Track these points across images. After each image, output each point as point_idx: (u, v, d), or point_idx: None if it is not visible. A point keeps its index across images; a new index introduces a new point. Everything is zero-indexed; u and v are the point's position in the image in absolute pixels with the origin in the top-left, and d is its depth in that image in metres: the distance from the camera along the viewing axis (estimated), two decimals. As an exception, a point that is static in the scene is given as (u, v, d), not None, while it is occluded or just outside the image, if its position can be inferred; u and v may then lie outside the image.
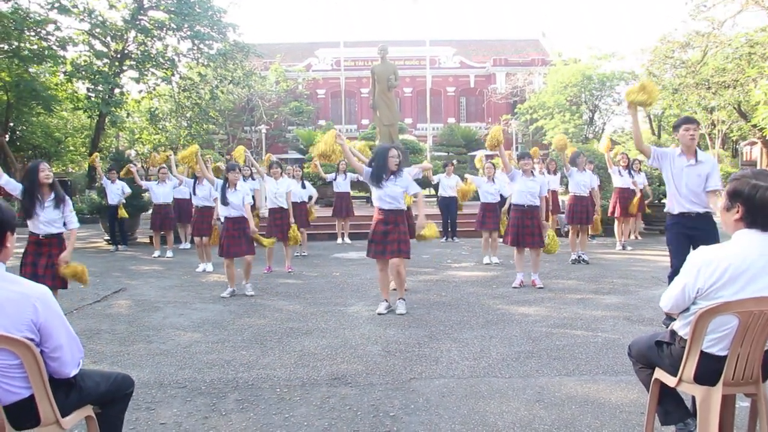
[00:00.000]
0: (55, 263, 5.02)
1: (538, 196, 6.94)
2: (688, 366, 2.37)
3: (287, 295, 6.73)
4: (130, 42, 21.72)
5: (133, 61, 21.65)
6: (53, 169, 5.25)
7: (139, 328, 5.37)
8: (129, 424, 3.14)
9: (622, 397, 3.50)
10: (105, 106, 19.63)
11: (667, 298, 2.47)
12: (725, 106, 21.60)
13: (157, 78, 22.69)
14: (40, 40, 18.45)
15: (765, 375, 2.42)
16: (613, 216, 10.38)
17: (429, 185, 16.14)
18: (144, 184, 10.73)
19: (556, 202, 11.25)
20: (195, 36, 21.35)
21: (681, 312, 2.48)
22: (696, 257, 2.36)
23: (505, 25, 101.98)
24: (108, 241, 12.19)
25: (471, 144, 33.46)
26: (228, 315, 5.82)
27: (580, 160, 8.82)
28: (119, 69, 21.53)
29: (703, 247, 2.39)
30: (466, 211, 12.36)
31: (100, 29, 20.31)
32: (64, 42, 18.97)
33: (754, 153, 30.57)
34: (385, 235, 5.64)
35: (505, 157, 7.00)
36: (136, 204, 12.90)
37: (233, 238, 6.60)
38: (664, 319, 5.00)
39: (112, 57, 21.38)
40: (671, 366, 2.49)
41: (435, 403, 3.45)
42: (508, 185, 9.71)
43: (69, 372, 2.21)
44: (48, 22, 18.22)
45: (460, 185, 10.69)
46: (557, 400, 3.46)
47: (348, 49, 30.95)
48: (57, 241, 5.09)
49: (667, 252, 4.96)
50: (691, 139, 4.77)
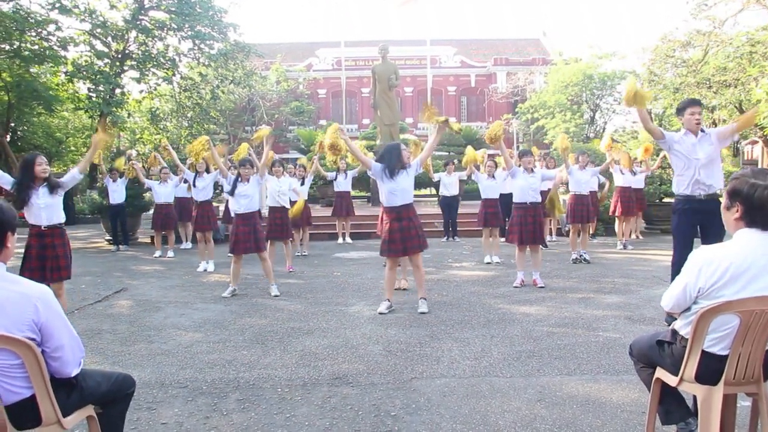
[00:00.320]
0: (59, 255, 5.02)
1: (539, 191, 6.97)
2: (690, 365, 2.37)
3: (288, 295, 6.73)
4: (131, 42, 21.73)
5: (134, 61, 21.65)
6: (55, 169, 5.26)
7: (141, 328, 5.37)
8: (130, 424, 3.15)
9: (623, 396, 3.50)
10: (106, 106, 19.64)
11: (668, 298, 2.47)
12: (726, 105, 21.54)
13: (158, 78, 22.70)
14: (41, 40, 18.46)
15: (766, 374, 2.42)
16: (615, 215, 10.39)
17: (430, 184, 16.13)
18: (147, 183, 10.76)
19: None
20: (196, 36, 21.36)
21: (682, 311, 2.48)
22: (697, 257, 2.36)
23: (505, 25, 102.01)
24: (109, 241, 12.21)
25: (472, 143, 33.38)
26: (229, 315, 5.82)
27: (582, 159, 8.83)
28: (120, 69, 21.54)
29: (704, 246, 2.40)
30: (466, 211, 12.36)
31: (101, 29, 20.32)
32: (65, 42, 18.98)
33: (756, 152, 30.50)
34: (402, 232, 5.64)
35: (506, 153, 7.01)
36: (137, 204, 12.93)
37: (243, 234, 6.58)
38: (666, 317, 5.00)
39: (113, 57, 21.40)
40: (672, 365, 2.49)
41: (436, 403, 3.45)
42: (509, 182, 9.73)
43: (70, 372, 2.21)
44: (49, 23, 18.22)
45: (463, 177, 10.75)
46: (558, 400, 3.46)
47: (349, 49, 30.87)
48: (59, 232, 5.10)
49: (668, 251, 4.96)
50: (696, 123, 4.81)
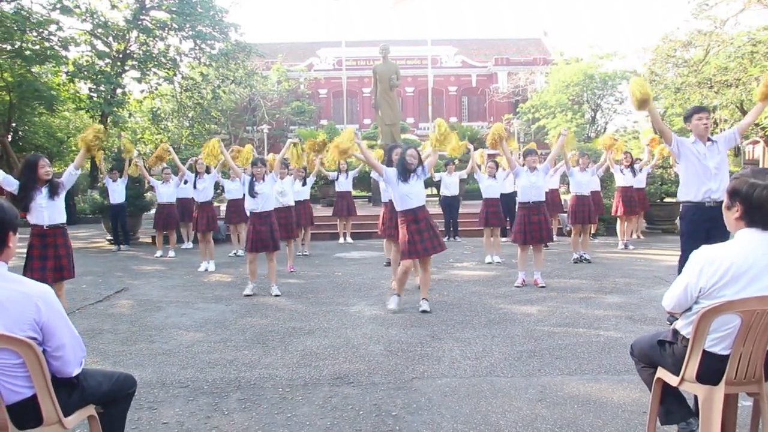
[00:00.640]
0: (61, 255, 5.03)
1: (544, 190, 6.99)
2: (691, 365, 2.37)
3: (289, 295, 6.73)
4: (132, 42, 21.77)
5: (135, 61, 21.70)
6: (56, 169, 5.27)
7: (142, 327, 5.38)
8: (131, 424, 3.15)
9: (624, 396, 3.50)
10: (107, 106, 19.68)
11: (669, 298, 2.47)
12: (727, 105, 21.52)
13: (159, 78, 22.74)
14: (43, 40, 18.48)
15: (767, 374, 2.41)
16: (616, 215, 10.38)
17: (431, 184, 16.12)
18: (151, 181, 10.78)
19: (557, 201, 11.25)
20: (197, 36, 21.39)
21: (683, 311, 2.48)
22: (698, 256, 2.35)
23: (506, 25, 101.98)
24: (110, 240, 12.22)
25: (473, 143, 33.36)
26: (230, 315, 5.82)
27: (582, 161, 8.82)
28: (121, 69, 21.58)
29: (706, 246, 2.39)
30: (467, 211, 12.36)
31: (102, 29, 20.35)
32: (66, 42, 19.01)
33: (757, 152, 30.46)
34: (421, 233, 5.65)
35: (509, 153, 7.00)
36: (137, 204, 12.93)
37: (259, 233, 6.63)
38: (669, 317, 5.00)
39: (114, 57, 21.43)
40: (674, 365, 2.49)
41: (437, 403, 3.45)
42: (510, 181, 9.74)
43: (71, 371, 2.21)
44: (50, 23, 18.25)
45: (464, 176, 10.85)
46: (559, 400, 3.46)
47: (349, 49, 30.91)
48: (61, 232, 5.11)
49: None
50: (705, 128, 4.85)
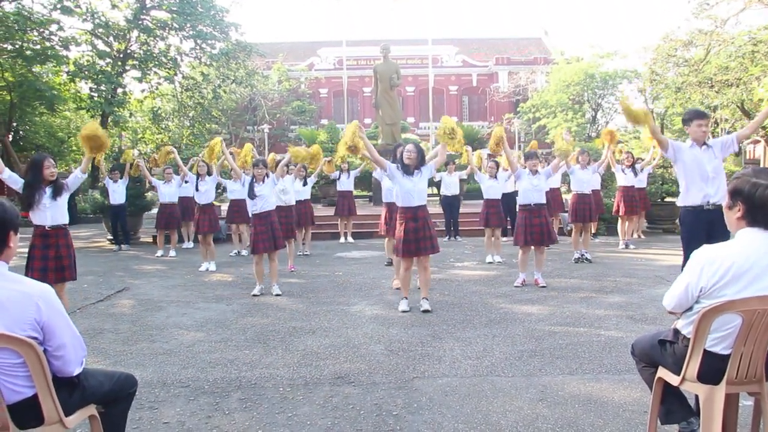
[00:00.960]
0: (62, 255, 5.03)
1: (545, 191, 7.00)
2: (692, 365, 2.37)
3: (290, 295, 6.73)
4: (133, 42, 21.77)
5: (136, 61, 21.70)
6: (57, 169, 5.28)
7: (142, 327, 5.38)
8: (132, 423, 3.16)
9: (625, 396, 3.50)
10: (108, 106, 19.68)
11: (670, 297, 2.47)
12: (728, 104, 21.47)
13: (160, 77, 22.75)
14: (43, 40, 18.49)
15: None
16: (617, 214, 10.37)
17: (431, 184, 16.14)
18: (153, 181, 10.79)
19: (558, 200, 11.24)
20: (197, 35, 21.39)
21: (684, 311, 2.47)
22: (699, 256, 2.35)
23: (507, 24, 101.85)
24: (111, 240, 12.22)
25: (473, 143, 33.38)
26: (231, 314, 5.82)
27: (582, 158, 8.81)
28: (122, 69, 21.58)
29: (707, 245, 2.38)
30: (468, 210, 12.37)
31: (102, 29, 20.36)
32: (67, 42, 19.01)
33: (758, 152, 30.46)
34: (417, 233, 5.65)
35: (510, 155, 7.00)
36: (138, 204, 12.94)
37: (261, 234, 6.65)
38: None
39: (115, 57, 21.43)
40: (674, 365, 2.49)
41: (438, 402, 3.45)
42: (511, 182, 9.75)
43: (72, 370, 2.21)
44: (51, 22, 18.26)
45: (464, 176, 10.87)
46: (560, 399, 3.46)
47: (350, 48, 30.87)
48: (63, 233, 5.11)
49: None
50: (703, 134, 4.90)
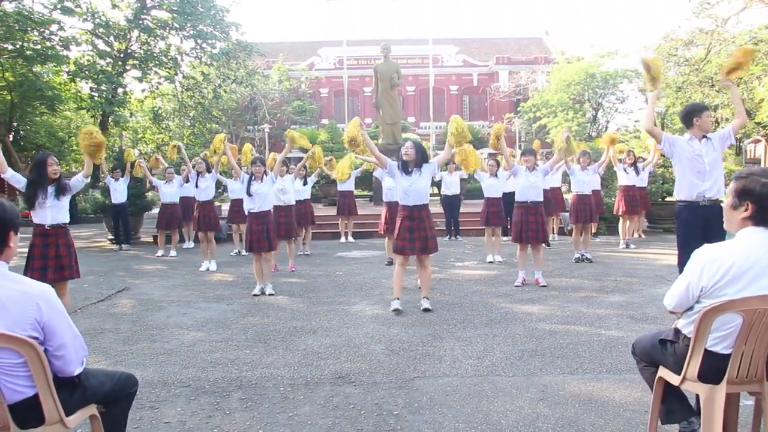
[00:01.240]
0: (62, 255, 5.03)
1: (542, 189, 6.98)
2: (692, 364, 2.37)
3: (291, 294, 6.74)
4: (133, 41, 21.78)
5: (136, 61, 21.71)
6: (59, 167, 5.28)
7: (143, 327, 5.38)
8: (133, 423, 3.16)
9: (625, 395, 3.50)
10: (108, 106, 19.70)
11: (670, 297, 2.46)
12: (729, 104, 21.49)
13: (160, 77, 22.76)
14: (44, 40, 18.50)
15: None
16: (618, 214, 10.36)
17: (432, 183, 16.16)
18: (154, 181, 10.79)
19: (559, 199, 11.24)
20: (198, 35, 21.40)
21: (685, 310, 2.47)
22: (700, 255, 2.35)
23: (507, 24, 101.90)
24: (112, 240, 12.24)
25: (474, 142, 33.35)
26: (231, 314, 5.82)
27: (583, 160, 8.82)
28: (122, 68, 21.59)
29: (707, 245, 2.38)
30: (469, 210, 12.38)
31: (103, 29, 20.36)
32: (67, 42, 19.03)
33: (758, 151, 30.44)
34: (411, 232, 5.65)
35: (506, 152, 7.00)
36: (139, 203, 12.95)
37: (256, 233, 6.68)
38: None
39: (115, 56, 21.44)
40: (675, 364, 2.49)
41: (439, 402, 3.45)
42: (512, 181, 9.73)
43: (73, 370, 2.21)
44: (51, 22, 18.27)
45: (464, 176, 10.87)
46: (561, 399, 3.46)
47: (351, 48, 30.86)
48: (63, 232, 5.11)
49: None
50: (709, 125, 5.03)
